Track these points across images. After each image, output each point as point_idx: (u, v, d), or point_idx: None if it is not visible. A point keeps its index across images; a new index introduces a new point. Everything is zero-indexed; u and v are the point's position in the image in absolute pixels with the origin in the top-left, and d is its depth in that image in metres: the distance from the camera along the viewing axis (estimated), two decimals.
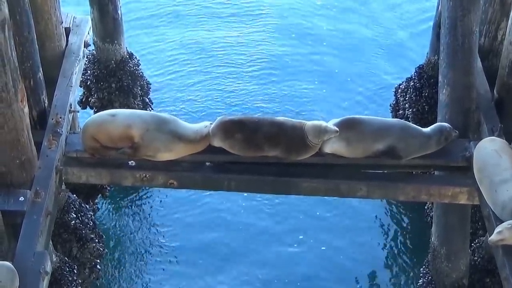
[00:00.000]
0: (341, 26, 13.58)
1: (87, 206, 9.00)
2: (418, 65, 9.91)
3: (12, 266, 6.41)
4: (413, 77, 9.90)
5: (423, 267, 9.11)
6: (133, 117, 7.56)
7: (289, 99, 12.08)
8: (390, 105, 10.55)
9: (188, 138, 7.45)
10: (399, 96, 10.19)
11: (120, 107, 9.74)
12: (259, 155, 7.50)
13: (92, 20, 9.57)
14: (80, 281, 8.27)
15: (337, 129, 7.30)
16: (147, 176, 7.58)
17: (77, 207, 8.58)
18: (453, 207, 8.11)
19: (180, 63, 12.76)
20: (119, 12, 9.67)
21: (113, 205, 10.55)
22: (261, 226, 10.30)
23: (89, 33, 9.32)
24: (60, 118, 7.86)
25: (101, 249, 8.84)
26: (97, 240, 8.76)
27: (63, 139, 7.72)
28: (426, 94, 9.65)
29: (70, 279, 8.02)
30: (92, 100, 10.20)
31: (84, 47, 9.02)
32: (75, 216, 8.46)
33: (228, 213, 10.43)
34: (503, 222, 6.66)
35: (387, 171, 7.78)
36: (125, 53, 10.11)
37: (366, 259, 9.87)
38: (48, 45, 8.47)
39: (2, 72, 6.47)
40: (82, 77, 9.74)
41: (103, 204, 10.47)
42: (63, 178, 7.69)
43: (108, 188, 10.01)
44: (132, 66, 10.16)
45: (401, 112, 10.06)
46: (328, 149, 7.48)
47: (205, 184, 7.77)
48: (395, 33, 13.49)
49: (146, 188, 10.55)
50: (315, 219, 10.35)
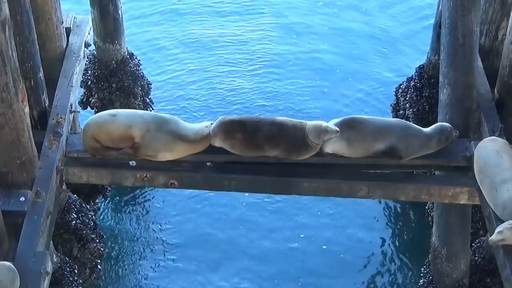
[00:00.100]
0: (343, 24, 13.57)
1: (88, 206, 9.01)
2: (418, 65, 9.92)
3: (13, 266, 6.40)
4: (414, 77, 9.89)
5: (424, 267, 9.11)
6: (133, 117, 7.56)
7: (290, 98, 12.07)
8: (390, 105, 10.54)
9: (188, 138, 7.45)
10: (399, 96, 10.19)
11: (120, 107, 9.73)
12: (260, 155, 7.50)
13: (92, 20, 9.57)
14: (80, 281, 8.27)
15: (338, 129, 7.29)
16: (148, 176, 7.57)
17: (78, 207, 8.58)
18: (454, 207, 8.10)
19: (180, 62, 12.75)
20: (120, 12, 9.67)
21: (113, 205, 10.54)
22: (262, 223, 10.30)
23: (89, 33, 9.32)
24: (60, 118, 7.85)
25: (102, 249, 8.84)
26: (97, 240, 8.76)
27: (63, 139, 7.71)
28: (426, 94, 9.64)
29: (70, 279, 8.03)
30: (92, 100, 10.19)
31: (84, 47, 9.02)
32: (75, 216, 8.47)
33: (229, 211, 10.42)
34: (504, 222, 6.66)
35: (388, 171, 7.78)
36: (126, 53, 10.11)
37: (366, 259, 9.86)
38: (48, 45, 8.47)
39: (2, 72, 6.46)
40: (82, 77, 9.74)
41: (104, 204, 10.47)
42: (64, 178, 7.69)
43: (109, 188, 10.01)
44: (132, 66, 10.15)
45: (401, 112, 10.06)
46: (328, 149, 7.48)
47: (206, 184, 7.77)
48: (395, 31, 13.49)
49: (146, 188, 10.55)
50: (316, 217, 10.34)
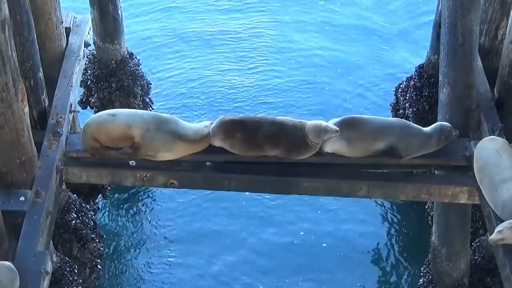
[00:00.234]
0: (343, 21, 13.56)
1: (88, 206, 9.00)
2: (418, 65, 9.92)
3: (12, 266, 6.40)
4: (413, 77, 9.89)
5: (424, 266, 9.11)
6: (133, 117, 7.56)
7: (291, 95, 12.08)
8: (390, 105, 10.54)
9: (188, 138, 7.45)
10: (399, 95, 10.19)
11: (120, 107, 9.72)
12: (260, 155, 7.50)
13: (92, 20, 9.56)
14: (80, 281, 8.27)
15: (338, 128, 7.29)
16: (148, 176, 7.57)
17: (78, 207, 8.58)
18: (454, 206, 8.10)
19: (180, 61, 12.74)
20: (119, 12, 9.67)
21: (113, 205, 10.54)
22: (262, 218, 10.31)
23: (89, 33, 9.32)
24: (60, 118, 7.85)
25: (102, 249, 8.84)
26: (97, 240, 8.76)
27: (63, 139, 7.71)
28: (426, 93, 9.64)
29: (70, 279, 8.03)
30: (92, 100, 10.19)
31: (84, 47, 9.02)
32: (75, 216, 8.46)
33: (229, 208, 10.42)
34: (504, 221, 6.66)
35: (388, 171, 7.78)
36: (125, 53, 10.11)
37: (366, 259, 9.86)
38: (48, 45, 8.46)
39: (2, 72, 6.46)
40: (82, 77, 9.74)
41: (104, 204, 10.47)
42: (64, 178, 7.69)
43: (108, 188, 10.01)
44: (132, 66, 10.15)
45: (401, 111, 10.05)
46: (328, 148, 7.48)
47: (205, 184, 7.77)
48: (394, 27, 13.51)
49: (146, 188, 10.55)
50: (315, 216, 10.34)
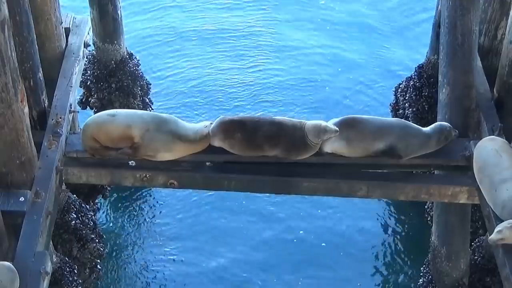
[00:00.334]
0: (344, 18, 13.57)
1: (87, 206, 9.00)
2: (418, 64, 9.92)
3: (12, 266, 6.40)
4: (413, 77, 9.90)
5: (423, 266, 9.11)
6: (133, 117, 7.56)
7: (291, 95, 12.08)
8: (390, 105, 10.54)
9: (188, 138, 7.45)
10: (399, 95, 10.19)
11: (120, 107, 9.72)
12: (259, 155, 7.50)
13: (91, 20, 9.56)
14: (80, 281, 8.28)
15: (337, 128, 7.29)
16: (147, 176, 7.57)
17: (78, 207, 8.58)
18: (453, 206, 8.11)
19: (180, 61, 12.74)
20: (119, 12, 9.67)
21: (113, 205, 10.55)
22: (262, 215, 10.33)
23: (89, 34, 9.31)
24: (60, 118, 7.85)
25: (102, 249, 8.84)
26: (97, 240, 8.76)
27: (63, 140, 7.71)
28: (426, 93, 9.65)
29: (70, 279, 8.03)
30: (92, 100, 10.19)
31: (84, 48, 9.01)
32: (75, 216, 8.47)
33: (229, 207, 10.43)
34: (503, 221, 6.66)
35: (387, 171, 7.78)
36: (125, 53, 10.11)
37: (366, 258, 9.87)
38: (48, 45, 8.46)
39: (2, 72, 6.46)
40: (82, 78, 9.74)
41: (104, 204, 10.47)
42: (63, 178, 7.69)
43: (108, 188, 10.01)
44: (132, 66, 10.15)
45: (401, 111, 10.06)
46: (328, 148, 7.48)
47: (205, 184, 7.77)
48: (395, 24, 13.54)
49: (146, 188, 10.54)
50: (315, 215, 10.35)
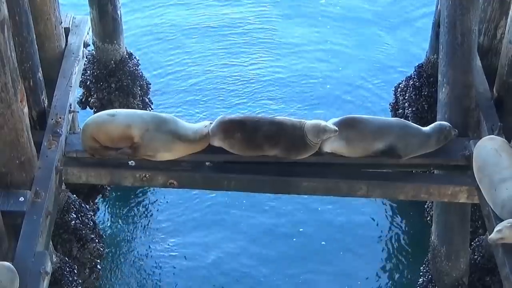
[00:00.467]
0: (346, 13, 13.61)
1: (87, 206, 9.00)
2: (417, 64, 9.93)
3: (12, 266, 6.40)
4: (413, 76, 9.91)
5: (423, 266, 9.11)
6: (132, 117, 7.56)
7: (292, 92, 12.07)
8: (389, 104, 10.55)
9: (187, 138, 7.45)
10: (398, 95, 10.19)
11: (119, 107, 9.72)
12: (259, 155, 7.50)
13: (91, 20, 9.56)
14: (80, 281, 8.28)
15: (337, 128, 7.29)
16: (147, 176, 7.57)
17: (77, 207, 8.58)
18: (453, 206, 8.11)
19: (180, 58, 12.73)
20: (119, 12, 9.67)
21: (113, 205, 10.54)
22: (262, 217, 10.33)
23: (88, 33, 9.31)
24: (59, 118, 7.85)
25: (101, 249, 8.84)
26: (97, 240, 8.76)
27: (62, 140, 7.71)
28: (425, 93, 9.65)
29: (70, 279, 8.03)
30: (91, 100, 10.19)
31: (83, 47, 9.01)
32: (75, 216, 8.47)
33: (229, 206, 10.44)
34: (503, 220, 6.66)
35: (387, 170, 7.78)
36: (125, 53, 10.11)
37: (365, 258, 9.86)
38: (47, 45, 8.46)
39: (1, 72, 6.45)
40: (81, 77, 9.74)
41: (103, 204, 10.47)
42: (63, 178, 7.69)
43: (108, 188, 10.01)
44: (131, 66, 10.16)
45: (400, 111, 10.06)
46: (327, 148, 7.48)
47: (205, 184, 7.77)
48: (397, 19, 13.56)
49: (146, 188, 10.54)
50: (315, 214, 10.34)
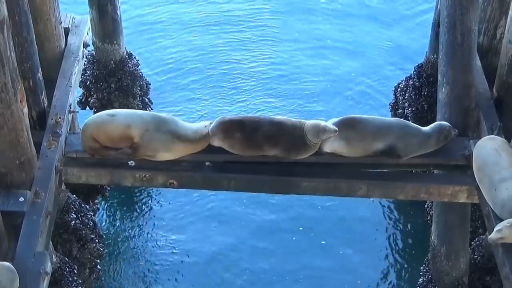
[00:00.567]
0: (350, 8, 13.62)
1: (87, 206, 9.01)
2: (417, 64, 9.93)
3: (12, 266, 6.40)
4: (412, 76, 9.91)
5: (423, 265, 9.12)
6: (132, 117, 7.56)
7: (293, 95, 12.07)
8: (389, 104, 10.55)
9: (187, 138, 7.45)
10: (398, 95, 10.20)
11: (119, 107, 9.73)
12: (259, 155, 7.50)
13: (91, 20, 9.57)
14: (80, 281, 8.28)
15: (336, 128, 7.29)
16: (147, 176, 7.57)
17: (77, 207, 8.58)
18: (453, 205, 8.11)
19: (180, 60, 12.74)
20: (118, 12, 9.68)
21: (113, 205, 10.55)
22: (261, 214, 10.33)
23: (88, 34, 9.31)
24: (59, 118, 7.85)
25: (101, 249, 8.85)
26: (97, 240, 8.76)
27: (62, 140, 7.71)
28: (425, 93, 9.65)
29: (70, 279, 8.03)
30: (91, 100, 10.20)
31: (83, 48, 9.01)
32: (75, 216, 8.47)
33: (229, 206, 10.43)
34: (503, 220, 6.66)
35: (387, 170, 7.78)
36: (125, 53, 10.12)
37: (365, 258, 9.86)
38: (47, 45, 8.45)
39: (1, 72, 6.45)
40: (81, 78, 9.74)
41: (103, 204, 10.47)
42: (63, 178, 7.69)
43: (108, 188, 10.01)
44: (131, 66, 10.16)
45: (400, 111, 10.07)
46: (327, 148, 7.48)
47: (205, 184, 7.77)
48: (397, 20, 13.57)
49: (146, 188, 10.54)
50: (315, 214, 10.34)
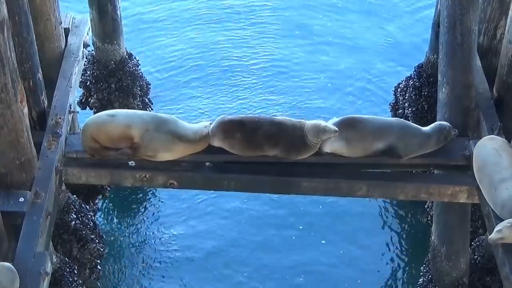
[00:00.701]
0: (344, 18, 13.61)
1: (87, 206, 9.01)
2: (417, 64, 9.93)
3: (12, 266, 6.40)
4: (413, 76, 9.91)
5: (423, 266, 9.12)
6: (132, 117, 7.56)
7: (293, 91, 12.08)
8: (389, 104, 10.55)
9: (187, 138, 7.45)
10: (398, 95, 10.20)
11: (119, 108, 9.73)
12: (259, 155, 7.50)
13: (91, 20, 9.57)
14: (80, 281, 8.28)
15: (337, 128, 7.29)
16: (147, 176, 7.57)
17: (77, 207, 8.58)
18: (453, 206, 8.11)
19: (182, 58, 12.74)
20: (118, 12, 9.68)
21: (113, 206, 10.55)
22: (262, 216, 10.33)
23: (88, 34, 9.31)
24: (59, 119, 7.85)
25: (102, 249, 8.84)
26: (97, 240, 8.76)
27: (62, 140, 7.71)
28: (425, 93, 9.65)
29: (70, 279, 8.04)
30: (91, 100, 10.20)
31: (83, 48, 9.01)
32: (75, 216, 8.47)
33: (228, 206, 10.43)
34: (503, 220, 6.66)
35: (387, 170, 7.78)
36: (125, 54, 10.12)
37: (365, 257, 9.86)
38: (47, 46, 8.45)
39: (1, 73, 6.45)
40: (81, 78, 9.74)
41: (103, 204, 10.47)
42: (63, 178, 7.69)
43: (108, 188, 10.01)
44: (131, 66, 10.16)
45: (400, 111, 10.07)
46: (327, 148, 7.48)
47: (205, 184, 7.77)
48: (397, 20, 13.57)
49: (146, 188, 10.54)
50: (315, 213, 10.34)
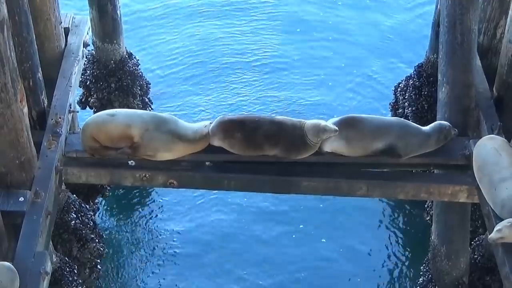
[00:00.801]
0: (344, 14, 13.61)
1: (87, 206, 9.01)
2: (417, 64, 9.93)
3: (12, 266, 6.40)
4: (412, 76, 9.91)
5: (423, 265, 9.12)
6: (132, 117, 7.56)
7: (293, 90, 12.08)
8: (389, 104, 10.55)
9: (187, 137, 7.45)
10: (398, 94, 10.20)
11: (119, 107, 9.73)
12: (259, 154, 7.50)
13: (91, 20, 9.57)
14: (80, 281, 8.28)
15: (337, 128, 7.29)
16: (147, 175, 7.57)
17: (77, 207, 8.59)
18: (453, 205, 8.11)
19: (183, 54, 12.74)
20: (118, 12, 9.68)
21: (113, 205, 10.55)
22: (262, 212, 10.34)
23: (88, 33, 9.31)
24: (59, 118, 7.85)
25: (102, 249, 8.85)
26: (97, 240, 8.76)
27: (62, 140, 7.71)
28: (425, 92, 9.65)
29: (70, 279, 8.03)
30: (91, 100, 10.20)
31: (83, 47, 9.01)
32: (75, 216, 8.47)
33: (230, 201, 10.45)
34: (503, 220, 6.66)
35: (387, 170, 7.78)
36: (125, 53, 10.12)
37: (366, 257, 9.87)
38: (47, 45, 8.46)
39: (1, 72, 6.46)
40: (81, 77, 9.74)
41: (103, 204, 10.47)
42: (63, 178, 7.69)
43: (108, 188, 10.01)
44: (131, 66, 10.16)
45: (400, 110, 10.07)
46: (327, 148, 7.48)
47: (205, 183, 7.78)
48: (397, 20, 13.58)
49: (146, 187, 10.54)
50: (315, 213, 10.35)
